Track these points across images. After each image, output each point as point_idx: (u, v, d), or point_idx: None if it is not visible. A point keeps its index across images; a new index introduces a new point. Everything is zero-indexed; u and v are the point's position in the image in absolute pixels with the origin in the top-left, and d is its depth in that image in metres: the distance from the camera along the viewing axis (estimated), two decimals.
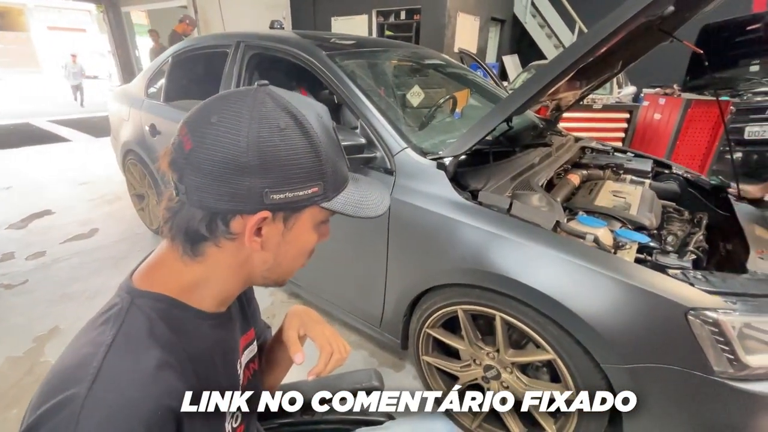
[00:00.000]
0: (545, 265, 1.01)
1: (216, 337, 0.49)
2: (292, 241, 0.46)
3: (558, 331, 1.01)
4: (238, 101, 0.41)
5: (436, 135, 1.57)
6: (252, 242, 0.43)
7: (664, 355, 0.91)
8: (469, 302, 1.16)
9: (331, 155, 0.44)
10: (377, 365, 1.67)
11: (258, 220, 0.41)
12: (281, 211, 0.43)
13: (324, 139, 0.43)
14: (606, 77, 1.80)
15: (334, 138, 0.46)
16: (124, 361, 0.37)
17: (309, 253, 0.50)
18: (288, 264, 0.49)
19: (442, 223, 1.16)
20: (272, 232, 0.44)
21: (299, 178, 0.41)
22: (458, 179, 1.25)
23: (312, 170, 0.42)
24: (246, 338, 0.60)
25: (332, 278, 1.61)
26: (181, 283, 0.45)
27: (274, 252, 0.46)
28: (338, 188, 0.46)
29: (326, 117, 0.46)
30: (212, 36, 2.12)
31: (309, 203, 0.43)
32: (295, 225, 0.45)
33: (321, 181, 0.43)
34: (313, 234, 0.48)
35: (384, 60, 2.00)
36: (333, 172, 0.44)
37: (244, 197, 0.40)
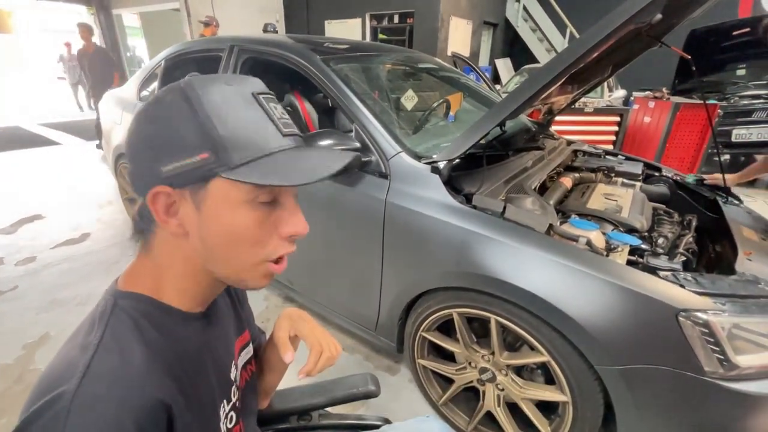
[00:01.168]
0: (539, 267, 1.03)
1: (203, 338, 0.48)
2: (212, 222, 0.41)
3: (552, 333, 1.02)
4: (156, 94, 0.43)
5: (430, 139, 1.58)
6: (167, 224, 0.42)
7: (655, 356, 0.92)
8: (464, 305, 1.17)
9: (231, 120, 0.39)
10: (372, 369, 1.66)
11: (155, 194, 0.40)
12: (184, 187, 0.40)
13: (218, 104, 0.39)
14: (597, 81, 1.83)
15: (255, 106, 0.41)
16: (113, 359, 0.37)
17: (252, 239, 0.42)
18: (223, 252, 0.42)
19: (437, 227, 1.17)
20: (188, 213, 0.41)
21: (182, 147, 0.38)
22: (452, 183, 1.25)
23: (195, 135, 0.38)
24: (241, 340, 0.60)
25: (327, 282, 1.61)
26: (152, 280, 0.44)
27: (199, 236, 0.42)
28: (245, 156, 0.39)
29: (247, 86, 0.42)
30: (205, 40, 2.11)
31: (204, 173, 0.39)
32: (205, 200, 0.40)
33: (210, 148, 0.38)
34: (242, 214, 0.41)
35: (377, 64, 2.01)
36: (230, 139, 0.38)
37: (146, 175, 0.40)
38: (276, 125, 0.42)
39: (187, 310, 0.47)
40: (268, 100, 0.43)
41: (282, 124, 0.42)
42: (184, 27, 6.87)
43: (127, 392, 0.35)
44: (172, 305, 0.45)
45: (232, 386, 0.54)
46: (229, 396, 0.52)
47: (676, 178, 1.73)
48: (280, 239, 0.44)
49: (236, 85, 0.41)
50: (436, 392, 1.38)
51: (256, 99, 0.42)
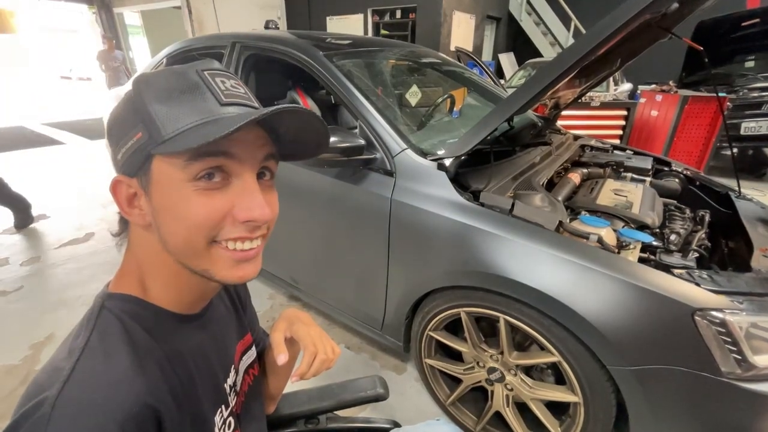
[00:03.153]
0: (549, 266, 1.00)
1: (197, 340, 0.47)
2: (160, 208, 0.39)
3: (562, 332, 1.00)
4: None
5: (435, 135, 1.56)
6: (130, 215, 0.41)
7: (670, 356, 0.90)
8: (472, 304, 1.15)
9: (165, 97, 0.37)
10: (379, 368, 1.65)
11: (114, 184, 0.40)
12: (136, 175, 0.39)
13: (155, 84, 0.38)
14: (604, 75, 1.79)
15: (194, 81, 0.39)
16: (97, 362, 0.36)
17: (200, 223, 0.38)
18: (175, 239, 0.39)
19: (444, 225, 1.15)
20: (143, 201, 0.40)
21: (122, 130, 0.38)
22: (459, 180, 1.23)
23: (129, 115, 0.38)
24: (243, 344, 0.58)
25: (332, 281, 1.59)
26: (136, 281, 0.43)
27: (157, 227, 0.40)
28: (177, 128, 0.36)
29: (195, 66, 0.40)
30: (207, 37, 2.09)
31: (143, 155, 0.37)
32: (150, 185, 0.38)
33: (141, 123, 0.37)
34: (183, 193, 0.38)
35: (381, 59, 1.98)
36: (159, 112, 0.36)
37: (114, 164, 0.41)
38: (214, 94, 0.38)
39: (178, 311, 0.45)
40: (215, 75, 0.40)
41: (223, 94, 0.39)
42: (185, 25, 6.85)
43: (111, 397, 0.34)
44: (161, 306, 0.44)
45: (231, 391, 0.53)
46: (227, 401, 0.50)
47: (687, 173, 1.69)
48: (234, 223, 0.40)
49: (186, 67, 0.40)
50: (444, 392, 1.36)
51: (198, 74, 0.39)
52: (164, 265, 0.42)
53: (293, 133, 0.43)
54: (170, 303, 0.44)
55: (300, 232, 1.62)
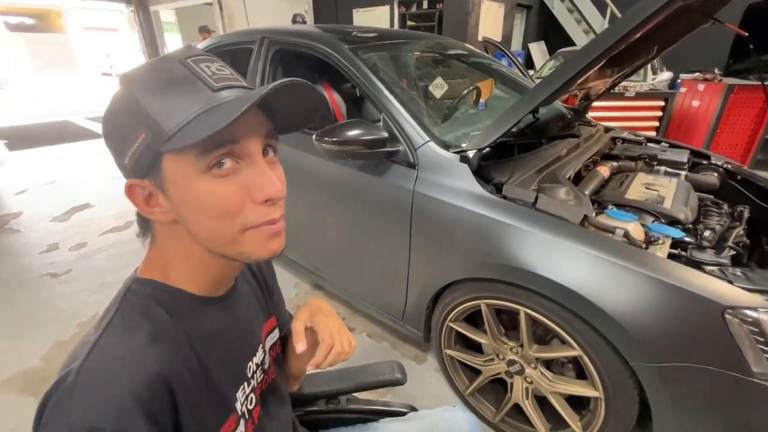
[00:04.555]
0: (572, 260, 0.99)
1: (220, 321, 0.49)
2: (180, 203, 0.40)
3: (584, 327, 0.99)
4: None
5: (459, 127, 1.55)
6: (152, 215, 0.42)
7: (698, 354, 0.87)
8: (493, 297, 1.15)
9: (158, 93, 0.37)
10: (399, 357, 1.68)
11: (129, 188, 0.41)
12: (147, 176, 0.40)
13: (141, 80, 0.38)
14: (640, 63, 1.72)
15: (183, 71, 0.39)
16: (117, 337, 0.39)
17: (225, 210, 0.40)
18: (204, 230, 0.41)
19: (466, 217, 1.15)
20: (161, 199, 0.41)
21: (127, 134, 0.38)
22: (482, 172, 1.23)
23: (128, 118, 0.38)
24: (268, 325, 0.62)
25: (354, 271, 1.63)
26: (161, 268, 0.45)
27: (183, 221, 0.41)
28: (178, 122, 0.37)
29: (177, 56, 0.40)
30: (237, 33, 2.16)
31: (151, 155, 0.38)
32: (165, 183, 0.39)
33: (141, 124, 0.37)
34: (203, 187, 0.39)
35: (406, 52, 1.98)
36: (157, 109, 0.37)
37: (121, 171, 0.41)
38: (205, 82, 0.38)
39: (201, 294, 0.47)
40: (198, 61, 0.40)
41: (213, 79, 0.39)
42: (216, 21, 7.04)
43: (126, 367, 0.37)
44: (184, 289, 0.46)
45: (258, 369, 0.55)
46: (248, 379, 0.52)
47: (728, 167, 1.61)
48: (255, 205, 0.41)
49: (169, 59, 0.40)
50: (463, 382, 1.38)
51: (183, 64, 0.39)
52: (192, 254, 0.44)
53: (288, 106, 0.43)
54: (194, 287, 0.46)
55: (324, 222, 1.66)
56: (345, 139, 1.23)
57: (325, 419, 0.80)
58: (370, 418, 0.81)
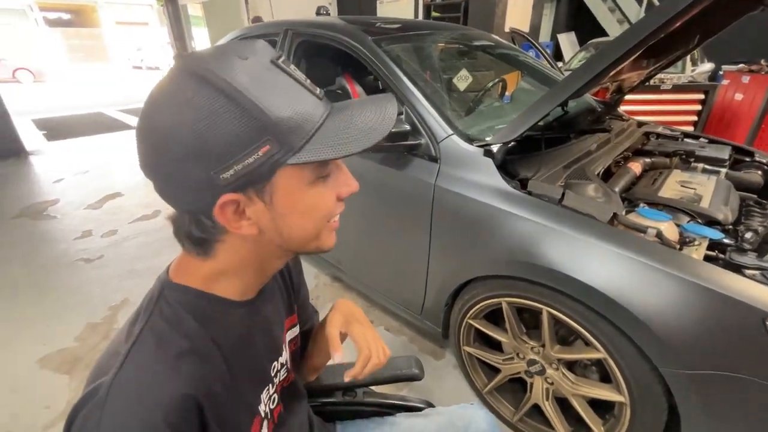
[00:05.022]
0: (599, 260, 0.95)
1: (251, 322, 0.49)
2: (287, 212, 0.41)
3: (611, 329, 0.95)
4: (157, 89, 0.37)
5: (483, 120, 1.51)
6: (240, 229, 0.40)
7: (734, 362, 0.82)
8: (514, 295, 1.12)
9: (276, 100, 0.36)
10: (417, 352, 1.68)
11: (223, 205, 0.38)
12: (249, 188, 0.38)
13: (254, 86, 0.35)
14: (679, 54, 1.62)
15: (283, 76, 0.38)
16: (147, 352, 0.39)
17: (326, 213, 0.44)
18: (300, 232, 0.43)
19: (488, 213, 1.13)
20: (257, 211, 0.40)
21: (238, 145, 0.35)
22: (507, 167, 1.19)
23: (248, 129, 0.35)
24: (290, 321, 0.62)
25: (374, 264, 1.63)
26: (204, 277, 0.44)
27: (276, 229, 0.42)
28: (304, 134, 0.37)
29: (262, 55, 0.38)
30: (262, 25, 2.17)
31: (271, 167, 0.37)
32: (275, 193, 0.39)
33: (268, 136, 0.35)
34: (315, 193, 0.42)
35: (430, 43, 1.94)
36: (283, 121, 0.36)
37: (200, 189, 0.37)
38: (308, 89, 0.39)
39: (236, 299, 0.47)
40: (286, 63, 0.39)
41: (311, 86, 0.40)
42: (242, 14, 7.13)
43: (156, 388, 0.37)
44: (221, 295, 0.45)
45: (282, 368, 0.56)
46: (273, 380, 0.53)
47: None
48: (337, 201, 0.45)
49: (251, 55, 0.37)
50: (481, 380, 1.36)
51: (278, 66, 0.38)
52: (251, 262, 0.45)
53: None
54: (233, 292, 0.46)
55: (344, 214, 1.66)
56: None
57: (342, 411, 0.80)
58: (387, 412, 0.81)
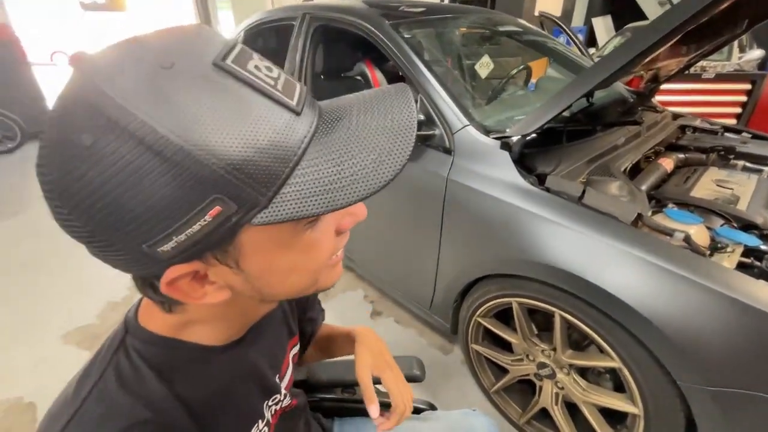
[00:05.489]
0: (619, 264, 0.89)
1: (232, 368, 0.42)
2: (264, 274, 0.32)
3: (628, 338, 0.90)
4: (50, 123, 0.25)
5: (505, 110, 1.44)
6: (204, 297, 0.31)
7: (765, 382, 0.76)
8: (525, 296, 1.08)
9: (221, 135, 0.23)
10: (425, 345, 1.66)
11: (170, 283, 0.29)
12: (205, 253, 0.28)
13: (183, 120, 0.23)
14: (725, 40, 1.48)
15: (235, 85, 0.25)
16: (92, 417, 0.32)
17: (322, 260, 0.34)
18: (287, 287, 0.35)
19: (501, 209, 1.08)
20: (222, 274, 0.31)
21: (172, 211, 0.24)
22: (525, 161, 1.13)
23: (183, 190, 0.23)
24: (292, 343, 0.58)
25: (384, 256, 1.61)
26: (173, 324, 0.37)
27: (253, 290, 0.33)
28: (272, 179, 0.25)
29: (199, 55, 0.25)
30: (280, 8, 2.13)
31: (229, 231, 0.26)
32: (241, 260, 0.30)
33: (216, 194, 0.24)
34: (296, 248, 0.32)
35: (453, 28, 1.86)
36: (239, 164, 0.24)
37: (138, 261, 0.27)
38: (281, 103, 0.26)
39: (218, 344, 0.40)
40: (241, 61, 0.26)
41: (284, 92, 0.27)
42: None
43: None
44: (197, 342, 0.38)
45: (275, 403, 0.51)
46: (264, 415, 0.47)
47: None
48: (337, 234, 0.36)
49: (181, 59, 0.25)
50: (489, 379, 1.33)
51: (225, 70, 0.25)
52: (237, 313, 0.38)
53: None
54: (210, 339, 0.39)
55: None
56: None
57: (341, 408, 0.79)
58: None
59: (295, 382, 0.71)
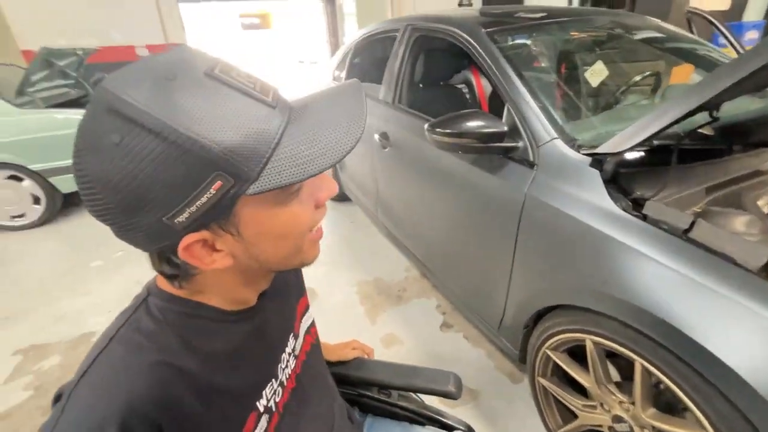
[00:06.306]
0: (731, 321, 0.71)
1: (243, 329, 0.47)
2: (258, 240, 0.39)
3: (734, 414, 0.71)
4: (82, 128, 0.32)
5: (618, 123, 1.26)
6: (213, 264, 0.38)
7: None
8: (603, 335, 0.94)
9: (217, 126, 0.31)
10: (492, 368, 1.57)
11: (186, 248, 0.35)
12: (212, 223, 0.35)
13: (188, 116, 0.30)
14: None
15: (224, 89, 0.33)
16: (111, 362, 0.38)
17: (303, 229, 0.41)
18: (278, 253, 0.41)
19: (583, 233, 0.96)
20: (227, 242, 0.38)
21: (185, 188, 0.31)
22: (621, 182, 0.99)
23: (192, 169, 0.31)
24: (302, 305, 0.63)
25: (456, 267, 1.57)
26: (188, 291, 0.43)
27: (250, 257, 0.40)
28: (259, 158, 0.33)
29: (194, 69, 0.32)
30: (387, 21, 2.25)
31: (229, 201, 0.34)
32: (240, 227, 0.37)
33: (217, 171, 0.31)
34: (284, 214, 0.39)
35: (567, 33, 1.72)
36: (233, 148, 0.31)
37: (158, 234, 0.34)
38: (257, 98, 0.34)
39: (231, 309, 0.45)
40: (226, 71, 0.34)
41: (261, 92, 0.35)
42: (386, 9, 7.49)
43: (114, 398, 0.35)
44: (210, 304, 0.44)
45: (290, 357, 0.56)
46: (276, 374, 0.52)
47: None
48: (316, 208, 0.43)
49: (181, 73, 0.32)
50: (554, 420, 1.19)
51: (215, 78, 0.33)
52: (235, 282, 0.43)
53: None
54: (223, 304, 0.44)
55: (432, 212, 1.64)
56: (459, 131, 1.16)
57: (375, 406, 0.81)
58: (419, 421, 0.79)
59: (338, 376, 0.77)
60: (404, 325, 1.83)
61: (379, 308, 1.96)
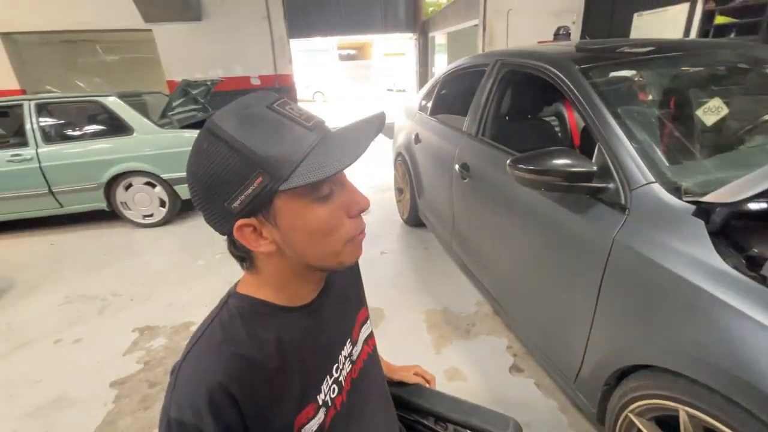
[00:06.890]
0: None
1: (300, 327, 0.55)
2: (292, 231, 0.47)
3: None
4: (194, 143, 0.46)
5: (732, 168, 1.12)
6: (259, 247, 0.47)
7: None
8: (702, 409, 0.82)
9: (264, 138, 0.43)
10: (565, 425, 1.43)
11: (239, 228, 0.46)
12: (257, 213, 0.46)
13: (245, 132, 0.42)
14: None
15: (276, 116, 0.44)
16: (202, 347, 0.48)
17: (329, 229, 0.48)
18: (311, 250, 0.49)
19: (682, 290, 0.86)
20: (270, 231, 0.47)
21: (237, 180, 0.43)
22: (732, 235, 0.87)
23: (243, 166, 0.42)
24: (362, 314, 0.69)
25: (532, 308, 1.49)
26: (257, 286, 0.53)
27: (289, 247, 0.48)
28: (292, 163, 0.43)
29: (262, 103, 0.45)
30: (478, 56, 2.30)
31: (267, 196, 0.44)
32: (278, 218, 0.46)
33: (260, 169, 0.42)
34: (312, 214, 0.46)
35: (678, 67, 1.59)
36: (272, 155, 0.42)
37: (223, 217, 0.46)
38: (299, 123, 0.45)
39: (288, 304, 0.54)
40: (282, 104, 0.46)
41: (304, 120, 0.46)
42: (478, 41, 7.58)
43: (202, 376, 0.45)
44: (272, 302, 0.53)
45: (346, 361, 0.61)
46: (332, 372, 0.58)
47: None
48: (350, 219, 0.50)
49: (252, 106, 0.45)
50: None
51: (272, 110, 0.45)
52: (289, 274, 0.52)
53: None
54: (283, 299, 0.53)
55: (510, 249, 1.59)
56: (543, 168, 1.14)
57: None
58: None
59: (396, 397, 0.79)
60: (470, 361, 1.77)
61: (446, 339, 1.93)
